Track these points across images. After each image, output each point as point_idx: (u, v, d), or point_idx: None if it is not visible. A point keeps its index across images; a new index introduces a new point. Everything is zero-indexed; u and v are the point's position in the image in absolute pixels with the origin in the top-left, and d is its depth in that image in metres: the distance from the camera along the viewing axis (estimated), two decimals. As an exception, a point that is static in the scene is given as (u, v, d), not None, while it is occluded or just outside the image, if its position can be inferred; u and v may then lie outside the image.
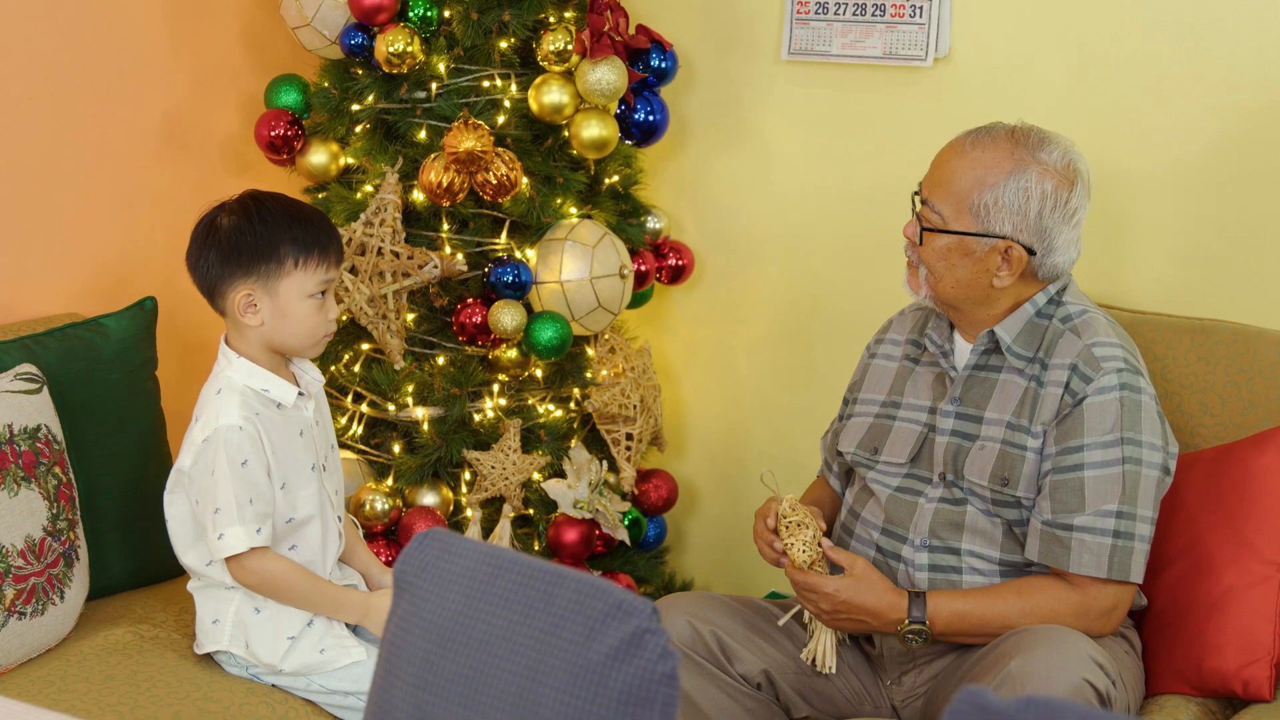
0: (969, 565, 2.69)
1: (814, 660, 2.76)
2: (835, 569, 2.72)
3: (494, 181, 3.19)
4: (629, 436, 3.50)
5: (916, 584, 2.72)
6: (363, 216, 3.27)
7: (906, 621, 2.65)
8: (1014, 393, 2.70)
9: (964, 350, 2.80)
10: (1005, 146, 2.66)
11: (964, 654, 2.69)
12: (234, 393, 2.66)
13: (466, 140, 3.13)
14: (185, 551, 2.75)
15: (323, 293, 2.71)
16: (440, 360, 3.41)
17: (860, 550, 2.80)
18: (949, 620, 2.65)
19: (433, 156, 3.21)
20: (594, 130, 3.35)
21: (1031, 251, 2.66)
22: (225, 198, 2.74)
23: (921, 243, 2.71)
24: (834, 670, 2.76)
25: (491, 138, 3.18)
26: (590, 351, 3.51)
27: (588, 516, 3.44)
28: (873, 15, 3.43)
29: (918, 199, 2.75)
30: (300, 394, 2.75)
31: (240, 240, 2.66)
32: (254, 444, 2.64)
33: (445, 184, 3.19)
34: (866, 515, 2.82)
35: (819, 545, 2.70)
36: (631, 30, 3.44)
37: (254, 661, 2.73)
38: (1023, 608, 2.62)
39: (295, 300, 2.69)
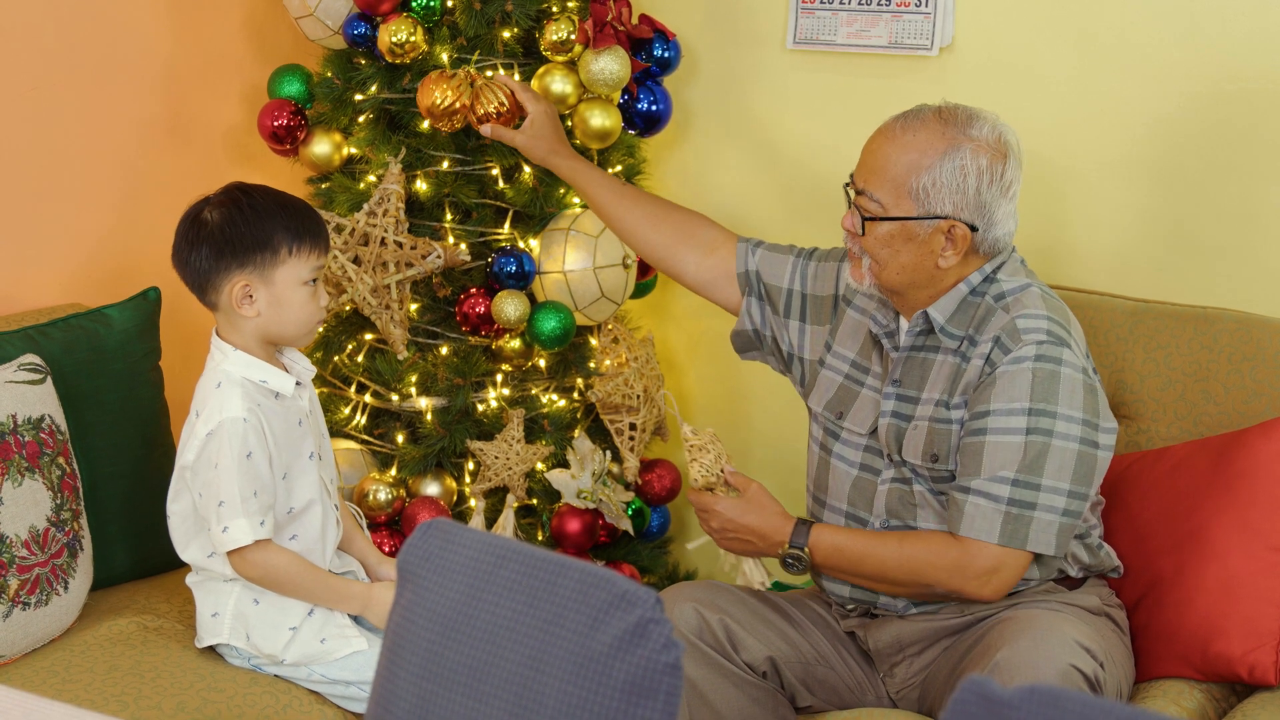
0: None
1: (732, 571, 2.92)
2: None
3: (492, 113, 3.14)
4: (632, 426, 3.50)
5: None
6: (366, 207, 3.27)
7: (787, 545, 2.73)
8: (947, 372, 2.71)
9: (905, 331, 2.81)
10: (935, 127, 2.66)
11: (953, 646, 2.69)
12: (234, 385, 2.66)
13: (436, 94, 3.14)
14: (185, 546, 2.75)
15: (314, 280, 2.71)
16: (444, 350, 3.41)
17: None
18: (827, 552, 2.71)
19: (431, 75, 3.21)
20: (597, 120, 3.35)
21: (974, 228, 2.65)
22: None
23: (864, 233, 2.71)
24: (767, 585, 2.91)
25: (468, 77, 3.16)
26: (593, 341, 3.51)
27: (591, 506, 3.44)
28: (878, 4, 3.43)
29: (851, 190, 2.74)
30: (298, 383, 2.75)
31: (233, 231, 2.65)
32: (258, 435, 2.64)
33: (443, 104, 3.15)
34: (832, 501, 2.83)
35: (721, 470, 2.79)
36: (635, 19, 3.43)
37: (255, 653, 2.73)
38: (901, 554, 2.66)
39: (290, 288, 2.68)
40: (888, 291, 2.76)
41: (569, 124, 3.37)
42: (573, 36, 3.27)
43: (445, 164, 3.34)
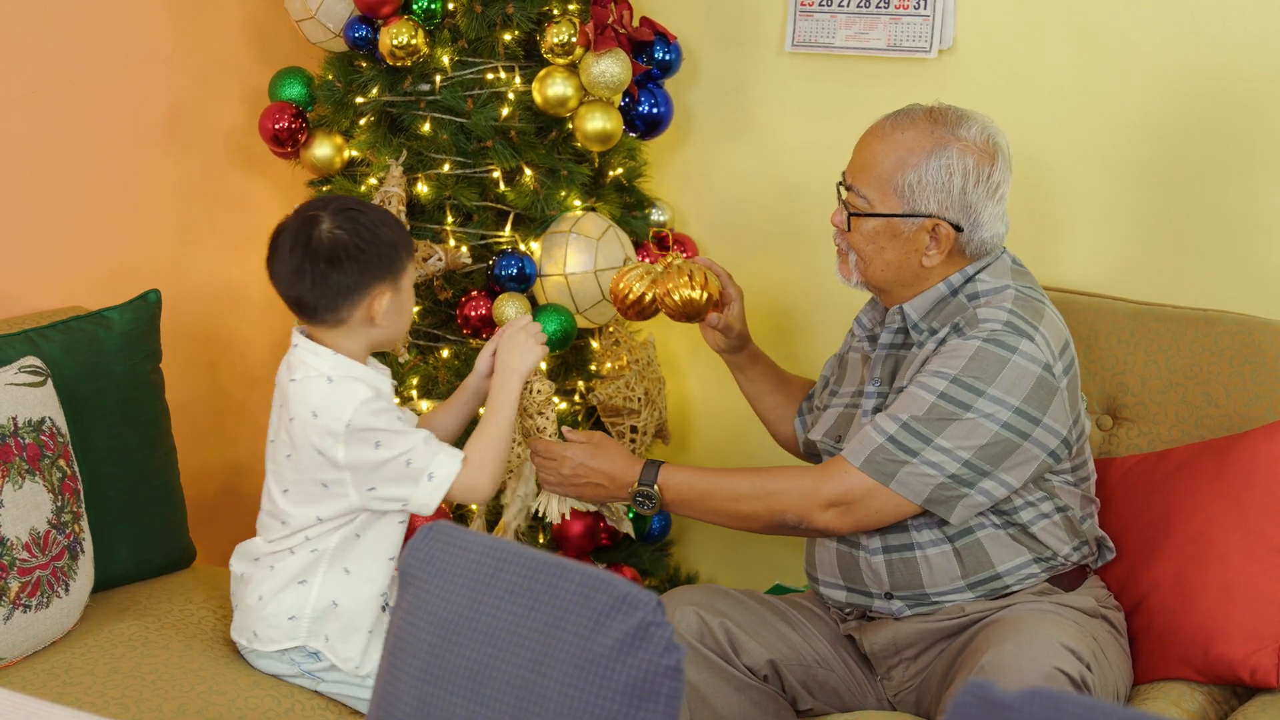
0: (918, 540, 2.69)
1: (542, 515, 3.00)
2: None
3: (699, 299, 3.03)
4: (634, 429, 3.50)
5: (875, 570, 2.72)
6: (367, 209, 3.27)
7: (636, 484, 2.76)
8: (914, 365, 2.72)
9: None
10: (924, 126, 2.69)
11: (947, 649, 2.69)
12: (350, 378, 2.64)
13: (621, 285, 3.08)
14: (300, 505, 2.69)
15: None
16: (444, 353, 3.41)
17: (827, 541, 2.80)
18: (677, 489, 2.75)
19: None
20: (598, 123, 3.35)
21: (959, 228, 2.67)
22: (286, 215, 2.72)
23: (850, 229, 2.73)
24: (567, 517, 3.01)
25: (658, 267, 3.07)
26: (594, 344, 3.51)
27: (592, 509, 3.44)
28: (877, 7, 3.43)
29: (842, 188, 2.77)
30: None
31: (377, 247, 2.63)
32: (390, 402, 2.70)
33: (632, 297, 3.07)
34: None
35: (559, 429, 2.92)
36: (635, 22, 3.44)
37: (331, 658, 2.72)
38: (753, 484, 2.69)
39: (409, 293, 2.73)
40: (874, 289, 2.79)
41: (570, 127, 3.37)
42: (574, 39, 3.27)
43: (446, 167, 3.34)
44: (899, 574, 2.70)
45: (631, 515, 3.54)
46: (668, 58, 3.49)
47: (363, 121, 3.40)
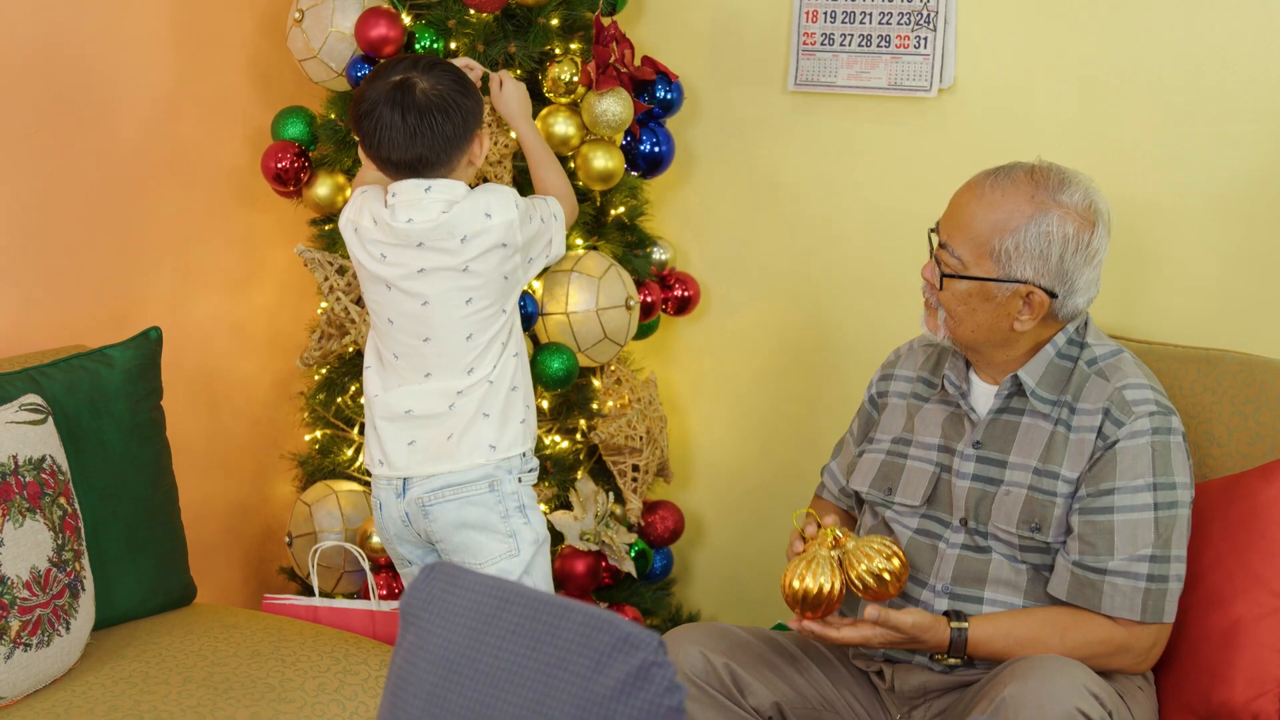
0: (989, 597, 2.68)
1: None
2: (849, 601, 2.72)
3: (873, 584, 2.63)
4: (635, 468, 3.50)
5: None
6: (369, 247, 3.27)
7: (946, 655, 2.64)
8: (1039, 437, 2.69)
9: (982, 391, 2.79)
10: (1025, 189, 2.63)
11: (969, 688, 2.67)
12: (489, 190, 2.91)
13: (796, 584, 2.63)
14: (488, 327, 2.94)
15: None
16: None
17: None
18: (979, 648, 2.63)
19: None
20: (600, 161, 3.36)
21: (1053, 294, 2.64)
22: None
23: (941, 287, 2.70)
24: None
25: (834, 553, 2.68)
26: (596, 383, 3.51)
27: (594, 548, 3.43)
28: (878, 46, 3.44)
29: (935, 237, 2.73)
30: None
31: (473, 93, 2.90)
32: None
33: (814, 593, 2.62)
34: None
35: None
36: (637, 62, 3.45)
37: (528, 459, 3.04)
38: (1064, 646, 2.60)
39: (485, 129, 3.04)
40: (963, 347, 2.77)
41: (572, 165, 3.38)
42: (576, 78, 3.28)
43: (448, 205, 3.34)
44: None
45: (633, 554, 3.53)
46: (669, 96, 3.51)
47: (365, 160, 3.41)
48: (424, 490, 2.93)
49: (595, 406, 3.49)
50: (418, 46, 3.26)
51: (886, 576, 2.59)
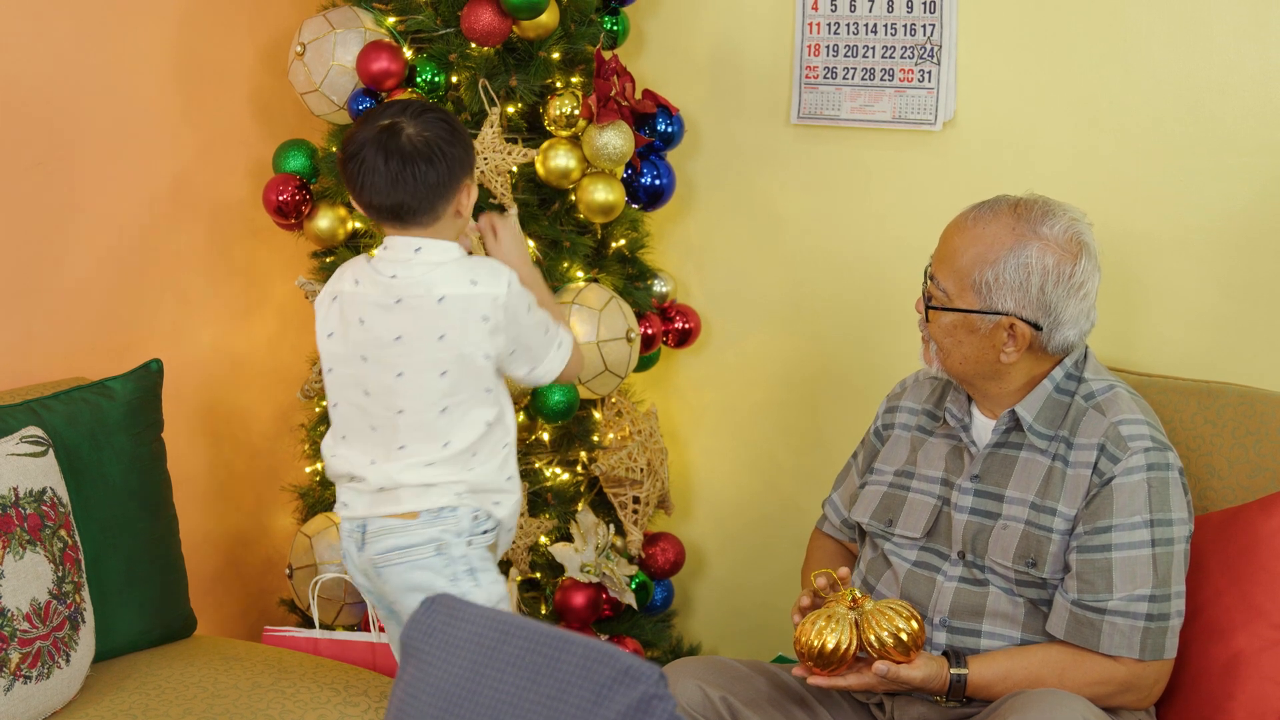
0: (987, 646, 2.68)
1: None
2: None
3: (890, 645, 2.60)
4: (636, 500, 3.50)
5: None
6: (370, 280, 3.28)
7: (945, 699, 2.64)
8: (1037, 471, 2.69)
9: (982, 425, 2.79)
10: (1007, 221, 2.65)
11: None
12: (483, 261, 2.77)
13: (814, 640, 2.61)
14: (470, 410, 2.77)
15: None
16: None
17: None
18: (979, 690, 2.63)
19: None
20: (601, 194, 3.36)
21: (1037, 327, 2.65)
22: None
23: (929, 319, 2.72)
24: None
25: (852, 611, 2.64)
26: (597, 415, 3.51)
27: (595, 580, 3.43)
28: (881, 79, 3.45)
29: (928, 272, 2.75)
30: None
31: (462, 141, 2.75)
32: None
33: (832, 648, 2.60)
34: (882, 589, 2.80)
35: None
36: (638, 95, 3.46)
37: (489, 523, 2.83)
38: (1062, 684, 2.59)
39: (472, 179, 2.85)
40: (957, 379, 2.77)
41: (573, 198, 3.38)
42: (576, 112, 3.29)
43: (449, 237, 3.35)
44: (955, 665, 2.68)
45: (634, 586, 3.53)
46: (670, 129, 3.52)
47: (366, 193, 3.42)
48: (375, 551, 2.80)
49: (596, 439, 3.49)
50: (419, 80, 3.27)
51: (904, 637, 2.57)
